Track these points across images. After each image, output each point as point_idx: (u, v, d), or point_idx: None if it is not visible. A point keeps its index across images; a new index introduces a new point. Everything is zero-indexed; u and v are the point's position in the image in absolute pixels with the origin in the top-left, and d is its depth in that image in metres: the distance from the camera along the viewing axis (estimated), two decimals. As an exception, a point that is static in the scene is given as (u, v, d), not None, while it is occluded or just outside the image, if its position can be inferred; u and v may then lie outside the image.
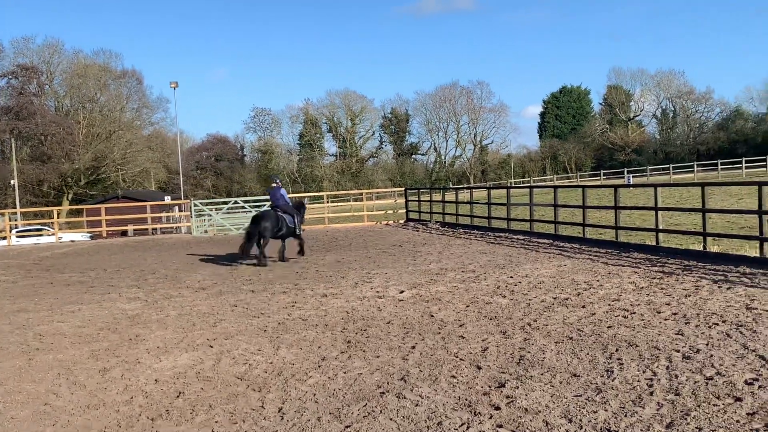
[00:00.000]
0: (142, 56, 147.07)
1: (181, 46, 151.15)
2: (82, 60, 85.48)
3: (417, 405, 6.12)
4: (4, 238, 33.41)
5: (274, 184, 19.52)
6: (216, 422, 6.06)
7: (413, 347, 8.21)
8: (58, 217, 36.72)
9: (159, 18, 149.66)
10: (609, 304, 10.01)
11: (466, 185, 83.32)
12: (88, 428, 6.13)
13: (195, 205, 32.86)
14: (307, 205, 20.58)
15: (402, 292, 12.24)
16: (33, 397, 7.12)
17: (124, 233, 35.63)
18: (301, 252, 19.05)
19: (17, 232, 36.79)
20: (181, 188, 59.97)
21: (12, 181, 67.33)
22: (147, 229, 35.25)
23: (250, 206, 35.34)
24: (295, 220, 18.72)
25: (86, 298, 13.53)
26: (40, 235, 36.56)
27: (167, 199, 46.93)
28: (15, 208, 62.04)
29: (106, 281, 16.03)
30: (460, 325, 9.24)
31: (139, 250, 24.82)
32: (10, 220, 34.73)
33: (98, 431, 6.06)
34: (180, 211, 41.17)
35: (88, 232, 36.09)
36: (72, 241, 32.40)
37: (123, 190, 68.38)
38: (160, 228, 37.04)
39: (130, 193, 53.00)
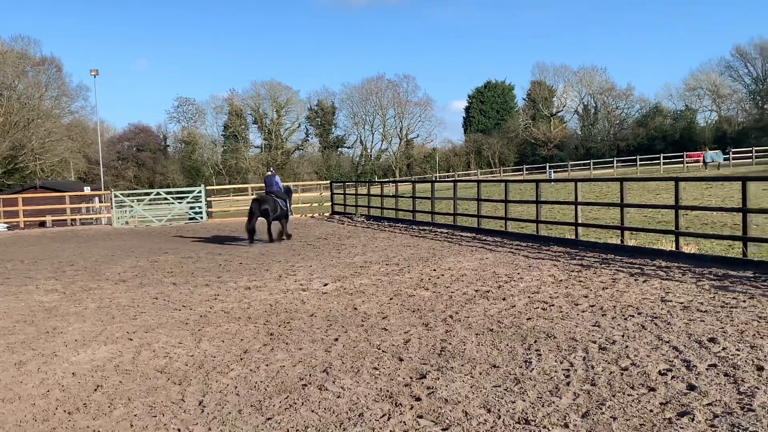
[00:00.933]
0: (62, 44, 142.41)
1: (101, 34, 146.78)
2: (0, 46, 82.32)
3: (339, 396, 6.12)
4: None
5: (269, 172, 22.04)
6: (135, 415, 5.93)
7: (336, 339, 8.21)
8: (-29, 207, 35.24)
9: (78, 5, 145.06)
10: (529, 297, 10.20)
11: (391, 179, 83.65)
12: (3, 422, 5.92)
13: (116, 196, 32.09)
14: (293, 191, 23.16)
15: (326, 284, 12.22)
16: (-59, 393, 6.84)
17: (42, 224, 34.48)
18: (286, 235, 21.03)
19: (-73, 222, 35.19)
20: (102, 179, 58.38)
21: None
22: (66, 220, 34.22)
23: (172, 198, 34.71)
24: (287, 204, 21.07)
25: (2, 290, 13.06)
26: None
27: (87, 190, 45.61)
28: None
29: (22, 273, 15.51)
30: (383, 318, 9.28)
31: (57, 241, 24.09)
32: None
33: (13, 425, 5.86)
34: (100, 202, 40.10)
35: (4, 223, 34.79)
36: (-14, 232, 31.20)
37: (41, 180, 66.17)
38: (80, 219, 35.99)
39: (49, 183, 51.26)
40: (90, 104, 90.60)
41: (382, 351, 7.56)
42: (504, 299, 10.10)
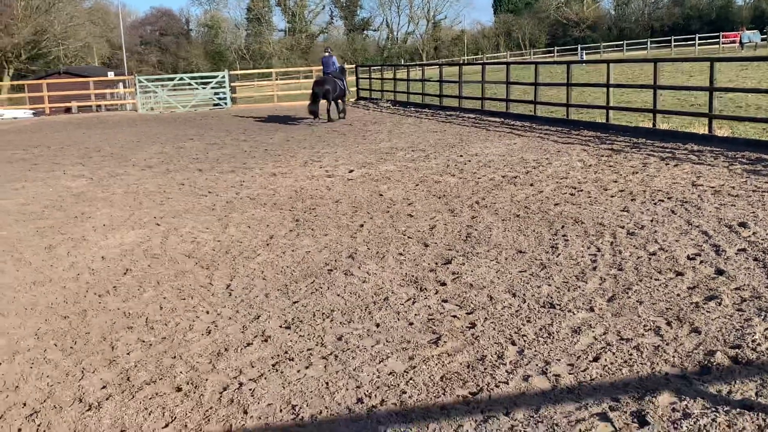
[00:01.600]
0: None
1: None
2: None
3: (364, 281, 6.17)
4: (-59, 114, 32.20)
5: (327, 53, 22.99)
6: (164, 298, 6.05)
7: (361, 225, 8.23)
8: (-3, 94, 35.37)
9: None
10: (557, 182, 10.10)
11: (418, 63, 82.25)
12: (35, 304, 6.07)
13: (140, 81, 31.90)
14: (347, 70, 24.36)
15: (351, 171, 12.19)
16: (-24, 276, 7.01)
17: (67, 110, 34.55)
18: (344, 113, 22.42)
19: (-45, 108, 35.44)
20: (125, 64, 58.09)
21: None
22: (91, 106, 34.23)
23: (197, 83, 34.46)
24: (344, 84, 22.10)
25: (30, 176, 13.22)
26: (-20, 112, 35.26)
27: (111, 75, 45.43)
28: (-49, 83, 59.52)
29: (50, 159, 15.65)
30: (409, 204, 9.27)
31: (83, 127, 24.19)
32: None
33: (45, 307, 6.01)
34: (125, 87, 39.94)
35: (30, 109, 34.91)
36: (14, 118, 31.38)
37: (65, 65, 65.93)
38: (105, 105, 35.97)
39: (73, 69, 51.03)
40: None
41: (408, 237, 7.58)
42: (531, 185, 10.02)
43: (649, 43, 67.87)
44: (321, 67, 23.42)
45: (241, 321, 5.43)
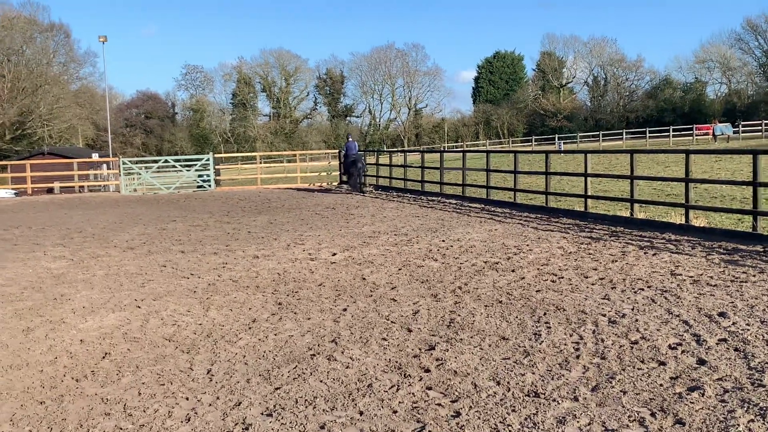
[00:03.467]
0: (70, 9, 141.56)
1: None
2: (8, 12, 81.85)
3: (348, 367, 6.10)
4: None
5: (350, 139, 28.90)
6: (143, 383, 5.93)
7: (345, 310, 8.18)
8: (-20, 173, 35.33)
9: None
10: (538, 269, 10.15)
11: (400, 149, 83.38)
12: (11, 388, 5.93)
13: (124, 163, 32.05)
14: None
15: (334, 254, 12.18)
16: (-50, 358, 6.85)
17: (50, 190, 34.54)
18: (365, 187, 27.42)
19: (-64, 187, 35.29)
20: (110, 146, 58.40)
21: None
22: (74, 187, 34.24)
23: (181, 165, 34.66)
24: (364, 164, 27.68)
25: (10, 257, 13.08)
26: (-38, 191, 35.14)
27: (95, 157, 45.61)
28: (-66, 162, 59.43)
29: (30, 239, 15.53)
30: (392, 288, 9.25)
31: (65, 208, 24.12)
32: (-72, 175, 33.28)
33: (21, 391, 5.86)
34: (108, 169, 40.07)
35: (12, 189, 34.85)
36: (-5, 198, 31.27)
37: (49, 146, 66.15)
38: (88, 186, 36.00)
39: (57, 150, 51.24)
40: (98, 71, 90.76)
41: (391, 322, 7.54)
42: (513, 271, 10.05)
43: (624, 133, 69.41)
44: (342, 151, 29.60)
45: (221, 408, 5.32)
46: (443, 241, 13.19)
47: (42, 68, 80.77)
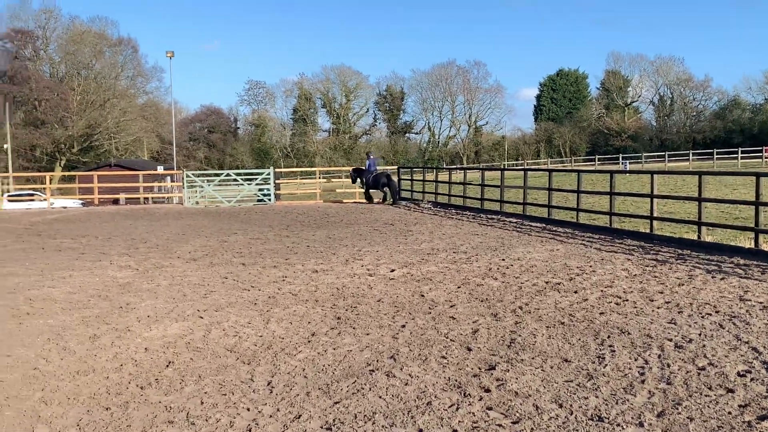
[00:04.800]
0: (138, 24, 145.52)
1: (176, 15, 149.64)
2: (79, 26, 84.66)
3: (406, 384, 6.10)
4: (-5, 201, 33.25)
5: (373, 156, 31.69)
6: (205, 393, 6.03)
7: (403, 326, 8.19)
8: (50, 183, 36.50)
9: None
10: (601, 291, 10.00)
11: (459, 166, 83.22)
12: (77, 394, 6.09)
13: (187, 176, 32.71)
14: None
15: (393, 270, 12.21)
16: (23, 361, 7.08)
17: (115, 201, 35.48)
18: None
19: (8, 196, 36.56)
20: (174, 159, 59.72)
21: (5, 145, 66.83)
22: (139, 198, 35.09)
23: (242, 179, 35.20)
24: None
25: (77, 265, 13.47)
26: (32, 201, 36.34)
27: (160, 169, 46.69)
28: (7, 172, 61.61)
29: (97, 248, 15.96)
30: (451, 306, 9.23)
31: (130, 218, 24.72)
32: (2, 185, 34.50)
33: (87, 397, 6.02)
34: (172, 181, 40.97)
35: (79, 199, 35.91)
36: (64, 208, 32.25)
37: (116, 158, 67.99)
38: (152, 198, 36.84)
39: (123, 162, 52.66)
40: (164, 85, 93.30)
41: (450, 340, 7.51)
42: (576, 292, 9.92)
43: (691, 154, 68.05)
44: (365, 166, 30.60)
45: (281, 420, 5.38)
46: (503, 259, 13.11)
47: (110, 82, 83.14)
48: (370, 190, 29.97)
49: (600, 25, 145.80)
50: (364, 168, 31.25)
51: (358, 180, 30.96)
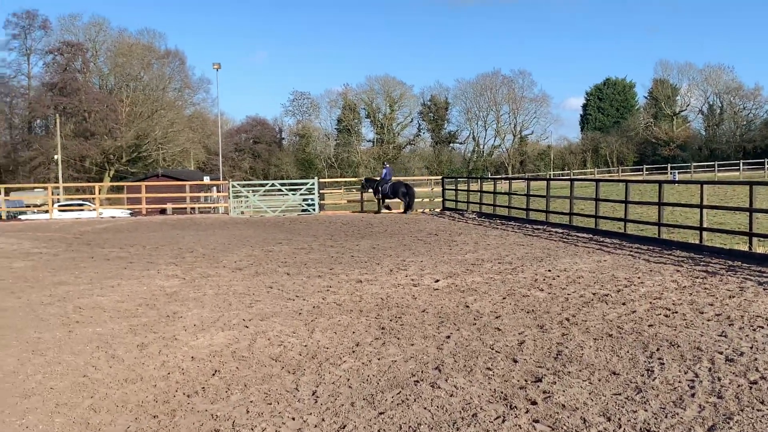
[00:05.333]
0: (186, 36, 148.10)
1: (223, 27, 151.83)
2: (127, 39, 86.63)
3: (452, 395, 6.08)
4: (47, 211, 34.02)
5: (387, 165, 33.04)
6: (251, 402, 6.08)
7: (448, 337, 8.16)
8: (99, 193, 37.23)
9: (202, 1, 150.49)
10: (650, 303, 9.85)
11: (504, 176, 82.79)
12: (126, 402, 6.19)
13: (233, 186, 33.09)
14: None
15: (437, 281, 12.19)
16: (72, 369, 7.23)
17: (163, 211, 36.03)
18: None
19: (59, 206, 37.39)
20: (220, 169, 60.46)
21: (55, 156, 68.47)
22: (185, 208, 35.60)
23: (287, 189, 35.48)
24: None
25: (126, 274, 13.71)
26: (81, 210, 37.12)
27: (206, 180, 47.32)
28: (58, 182, 63.05)
29: (145, 258, 16.22)
30: (496, 317, 9.17)
31: (177, 228, 25.08)
32: (52, 194, 35.30)
33: (135, 405, 6.11)
34: (218, 191, 41.48)
35: (128, 209, 36.59)
36: (112, 217, 32.86)
37: (163, 168, 69.14)
38: (198, 207, 37.34)
39: (170, 172, 53.53)
40: (211, 96, 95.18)
41: (496, 351, 7.47)
42: (623, 304, 9.79)
43: (741, 164, 66.73)
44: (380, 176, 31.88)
45: (326, 430, 5.40)
46: (549, 270, 12.99)
47: (158, 93, 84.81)
48: (388, 199, 31.17)
49: (648, 34, 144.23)
50: (377, 178, 32.89)
51: (370, 189, 32.13)
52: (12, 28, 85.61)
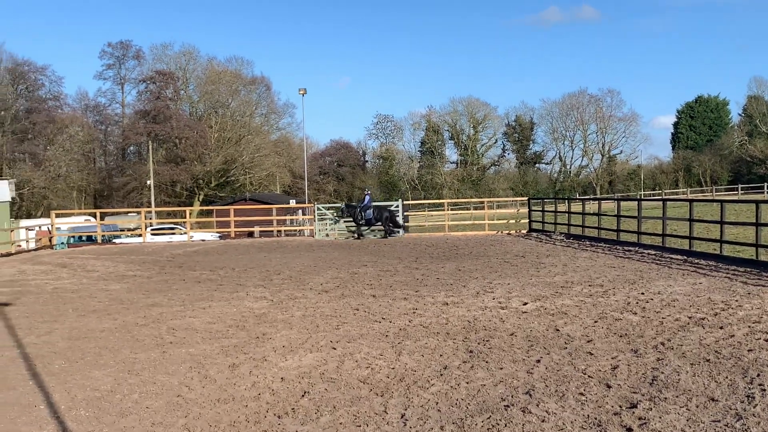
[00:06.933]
0: (271, 63, 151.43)
1: (308, 53, 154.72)
2: (216, 67, 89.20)
3: (543, 421, 5.99)
4: (140, 235, 35.23)
5: (369, 192, 33.68)
6: (340, 424, 6.14)
7: (538, 361, 8.06)
8: (189, 217, 38.35)
9: (287, 26, 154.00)
10: (749, 326, 9.49)
11: (592, 196, 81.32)
12: (218, 422, 6.34)
13: (318, 209, 33.54)
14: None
15: (525, 303, 12.05)
16: (167, 389, 7.45)
17: (250, 234, 36.79)
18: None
19: (151, 229, 38.65)
20: (306, 192, 61.40)
21: (148, 182, 70.99)
22: (272, 231, 36.25)
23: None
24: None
25: (216, 296, 14.06)
26: (173, 234, 38.26)
27: (292, 203, 48.14)
28: (150, 207, 65.26)
29: (234, 280, 16.59)
30: (588, 341, 9.00)
31: (264, 251, 25.56)
32: (145, 218, 36.56)
33: (228, 425, 6.25)
34: (304, 214, 42.12)
35: (217, 232, 37.50)
36: (202, 240, 33.74)
37: (250, 192, 70.73)
38: (284, 230, 37.99)
39: (257, 196, 54.77)
40: (296, 121, 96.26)
41: (588, 376, 7.33)
42: (721, 328, 9.46)
43: None
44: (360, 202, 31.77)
45: (416, 452, 5.39)
46: (642, 293, 12.67)
47: (245, 119, 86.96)
48: (371, 226, 31.20)
49: (740, 51, 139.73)
50: (357, 204, 32.54)
51: (349, 216, 31.71)
52: (107, 58, 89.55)
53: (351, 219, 31.39)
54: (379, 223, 30.93)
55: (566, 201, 33.51)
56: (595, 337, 9.19)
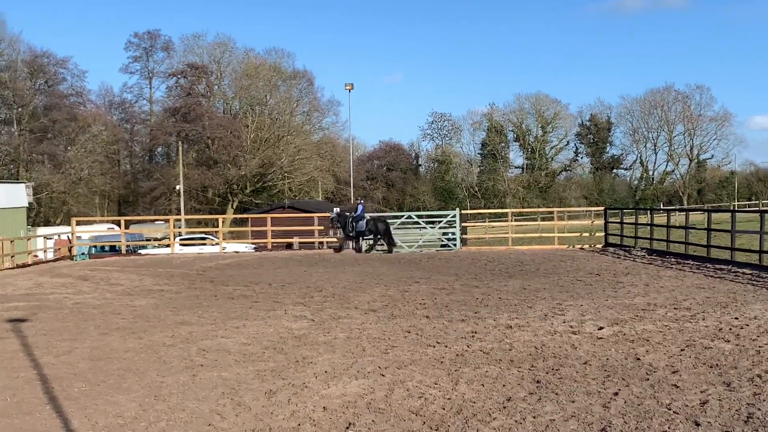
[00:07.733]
0: (315, 55, 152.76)
1: (356, 46, 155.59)
2: (253, 59, 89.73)
3: (621, 461, 5.90)
4: (168, 245, 35.77)
5: (361, 201, 34.20)
6: (389, 461, 6.13)
7: (616, 394, 7.96)
8: (222, 226, 38.82)
9: (332, 14, 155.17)
10: None
11: (679, 207, 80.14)
12: (252, 455, 6.39)
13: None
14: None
15: (601, 328, 11.92)
16: (196, 416, 7.55)
17: (289, 246, 37.05)
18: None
19: (180, 239, 39.20)
20: (351, 200, 61.70)
21: (177, 187, 71.82)
22: (313, 243, 36.48)
23: (424, 221, 35.72)
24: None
25: (251, 314, 14.20)
26: (204, 244, 38.77)
27: (336, 211, 48.41)
28: (179, 214, 66.22)
29: (271, 297, 16.75)
30: (673, 372, 8.87)
31: (304, 264, 25.74)
32: (174, 227, 37.12)
33: (262, 459, 6.29)
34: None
35: (252, 243, 37.88)
36: (236, 252, 34.13)
37: (289, 199, 71.24)
38: (327, 242, 38.20)
39: (297, 203, 55.14)
40: (341, 120, 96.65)
41: (674, 412, 7.21)
42: (830, 359, 9.24)
43: None
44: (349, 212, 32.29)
45: (475, 494, 5.36)
46: (736, 318, 12.44)
47: (285, 118, 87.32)
48: (363, 237, 31.83)
49: None
50: (347, 213, 33.25)
51: (339, 225, 32.37)
52: (134, 50, 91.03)
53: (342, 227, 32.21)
54: (371, 237, 31.54)
55: (648, 212, 33.08)
56: (681, 368, 9.05)
